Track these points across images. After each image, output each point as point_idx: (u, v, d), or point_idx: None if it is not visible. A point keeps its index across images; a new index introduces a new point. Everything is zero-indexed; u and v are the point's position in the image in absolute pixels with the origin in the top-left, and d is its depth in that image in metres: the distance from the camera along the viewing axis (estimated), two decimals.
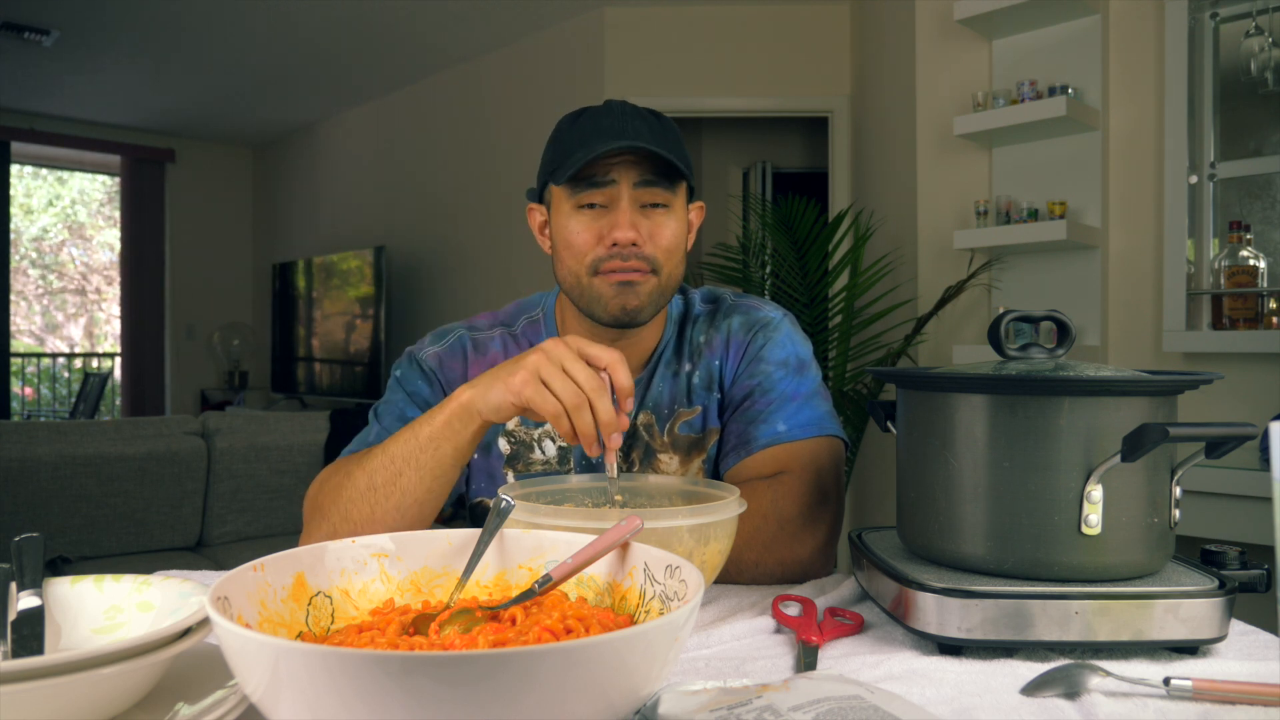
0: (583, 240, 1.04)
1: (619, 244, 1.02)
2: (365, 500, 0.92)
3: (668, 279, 1.07)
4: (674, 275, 1.08)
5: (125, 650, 0.51)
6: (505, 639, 0.57)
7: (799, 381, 1.11)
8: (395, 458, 0.92)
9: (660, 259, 1.05)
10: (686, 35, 4.01)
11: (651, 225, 1.04)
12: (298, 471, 3.14)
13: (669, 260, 1.06)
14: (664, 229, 1.05)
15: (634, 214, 1.03)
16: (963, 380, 0.76)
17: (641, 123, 1.03)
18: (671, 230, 1.06)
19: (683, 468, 1.13)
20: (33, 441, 2.66)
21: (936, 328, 2.93)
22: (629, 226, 1.02)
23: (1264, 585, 0.74)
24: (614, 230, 1.02)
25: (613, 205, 1.03)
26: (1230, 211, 2.50)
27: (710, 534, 0.81)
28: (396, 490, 0.92)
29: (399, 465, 0.91)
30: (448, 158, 5.23)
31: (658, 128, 1.04)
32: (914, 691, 0.63)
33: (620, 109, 1.05)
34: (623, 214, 1.02)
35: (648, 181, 1.03)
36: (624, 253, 1.03)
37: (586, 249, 1.04)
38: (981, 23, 2.78)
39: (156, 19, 4.43)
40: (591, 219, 1.04)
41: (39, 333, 9.93)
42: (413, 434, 0.92)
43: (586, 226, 1.04)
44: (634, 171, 1.03)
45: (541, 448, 1.13)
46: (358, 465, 0.95)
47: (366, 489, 0.93)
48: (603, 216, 1.04)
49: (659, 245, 1.05)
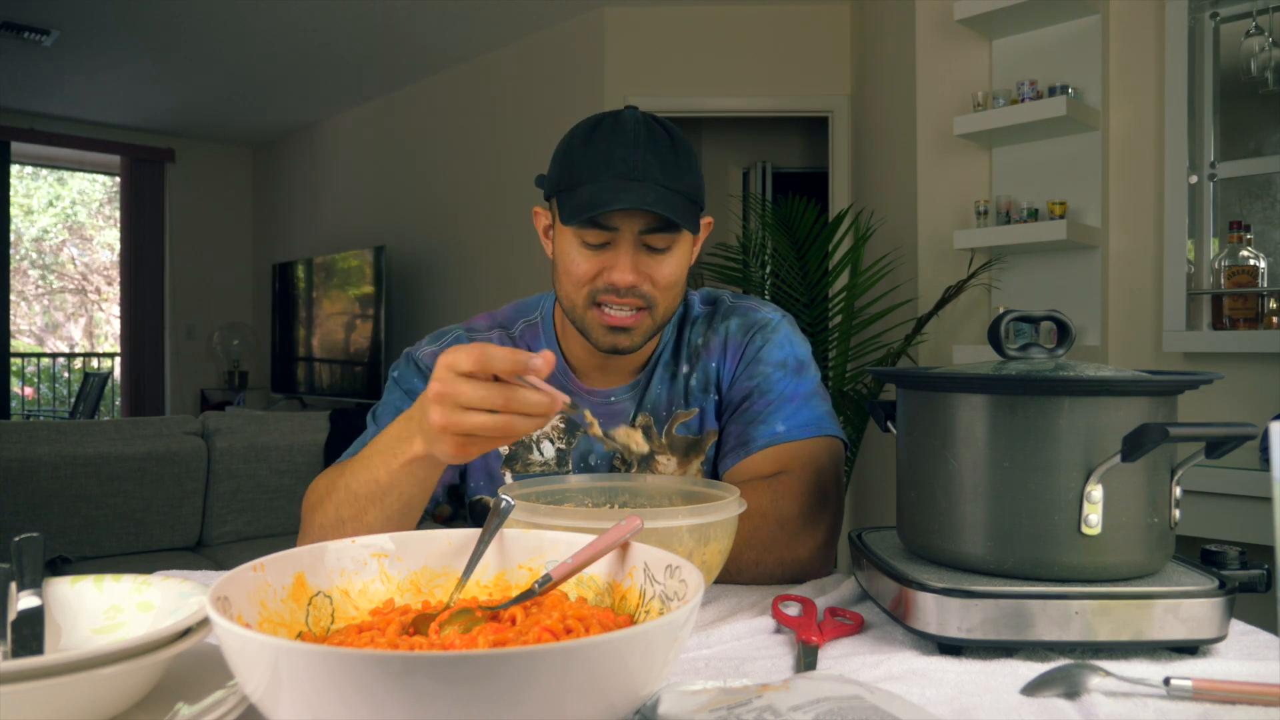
0: (582, 271, 1.03)
1: (616, 285, 1.01)
2: (337, 531, 0.92)
3: (663, 313, 1.06)
4: (670, 307, 1.07)
5: (125, 650, 0.51)
6: (505, 639, 0.57)
7: (798, 382, 1.11)
8: (359, 496, 0.90)
9: (657, 297, 1.04)
10: (686, 35, 4.01)
11: (652, 264, 1.03)
12: (298, 471, 3.14)
13: (665, 296, 1.05)
14: (664, 267, 1.04)
15: (635, 255, 1.02)
16: (963, 380, 0.76)
17: (654, 157, 1.00)
18: (672, 268, 1.04)
19: (680, 469, 1.14)
20: (33, 441, 2.66)
21: (936, 328, 2.93)
22: (629, 270, 1.01)
23: (1264, 585, 0.74)
24: (614, 272, 1.01)
25: (615, 243, 1.02)
26: (1230, 211, 2.50)
27: (710, 534, 0.81)
28: (363, 526, 0.90)
29: (362, 504, 0.90)
30: (448, 157, 5.23)
31: (671, 160, 1.01)
32: (914, 691, 0.63)
33: (634, 134, 1.01)
34: (623, 257, 1.01)
35: (653, 229, 1.01)
36: (620, 290, 1.02)
37: (585, 280, 1.03)
38: (981, 23, 2.78)
39: (156, 19, 4.43)
40: (593, 252, 1.03)
41: (39, 333, 9.94)
42: (371, 476, 0.88)
43: (587, 259, 1.03)
44: (639, 220, 1.00)
45: (540, 449, 1.13)
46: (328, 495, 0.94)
47: (335, 521, 0.92)
48: (604, 251, 1.02)
49: (657, 284, 1.03)
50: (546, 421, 0.76)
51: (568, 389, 1.14)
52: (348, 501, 0.91)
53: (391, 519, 0.89)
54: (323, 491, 0.96)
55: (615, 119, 1.04)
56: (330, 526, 0.93)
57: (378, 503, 0.89)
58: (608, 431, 1.09)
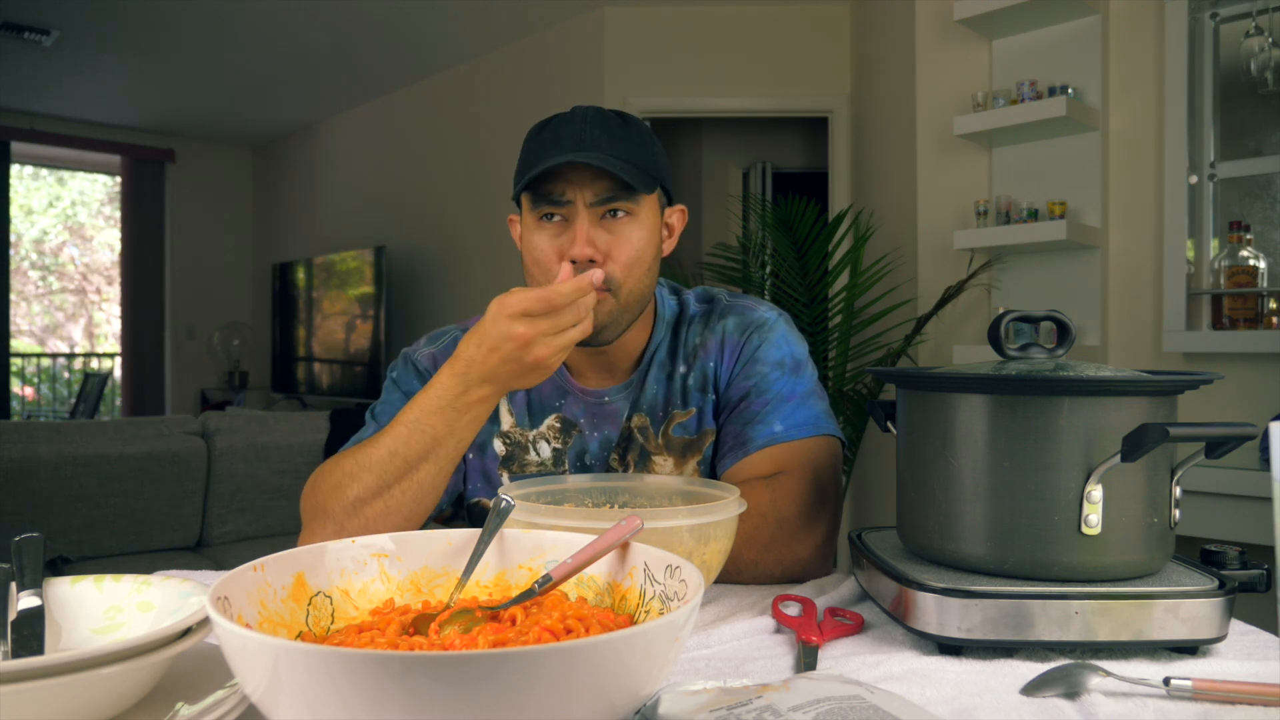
0: (545, 257, 1.03)
1: (576, 260, 1.00)
2: (379, 498, 0.94)
3: (628, 295, 1.05)
4: (635, 290, 1.05)
5: (125, 650, 0.51)
6: (505, 639, 0.57)
7: (795, 382, 1.11)
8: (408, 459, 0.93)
9: (619, 276, 1.03)
10: (686, 35, 4.01)
11: (612, 239, 1.02)
12: (298, 471, 3.14)
13: (629, 276, 1.03)
14: (626, 241, 1.03)
15: (593, 228, 1.01)
16: (963, 380, 0.76)
17: (601, 131, 1.01)
18: (635, 241, 1.03)
19: (678, 469, 1.13)
20: (33, 441, 2.66)
21: (936, 328, 2.93)
22: (585, 243, 1.00)
23: (1264, 585, 0.74)
24: (572, 247, 1.01)
25: (571, 220, 1.02)
26: (1230, 211, 2.50)
27: (710, 534, 0.81)
28: (414, 484, 0.94)
29: (413, 460, 0.93)
30: (448, 157, 5.23)
31: (620, 135, 1.02)
32: (914, 691, 0.63)
33: (584, 116, 1.03)
34: (579, 229, 1.01)
35: (606, 198, 1.01)
36: (581, 268, 1.01)
37: (549, 265, 1.03)
38: (981, 23, 2.78)
39: (157, 19, 4.43)
40: (553, 234, 1.03)
41: (39, 333, 9.94)
42: (422, 430, 0.93)
43: (549, 241, 1.03)
44: (591, 188, 1.01)
45: (536, 449, 1.13)
46: (360, 464, 0.95)
47: (379, 485, 0.93)
48: (563, 231, 1.03)
49: (619, 261, 1.02)
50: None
51: (564, 389, 1.14)
52: (392, 463, 0.93)
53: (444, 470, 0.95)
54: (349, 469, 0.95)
55: (568, 112, 1.06)
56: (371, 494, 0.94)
57: (432, 456, 0.93)
58: None
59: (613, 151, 1.00)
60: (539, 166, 1.00)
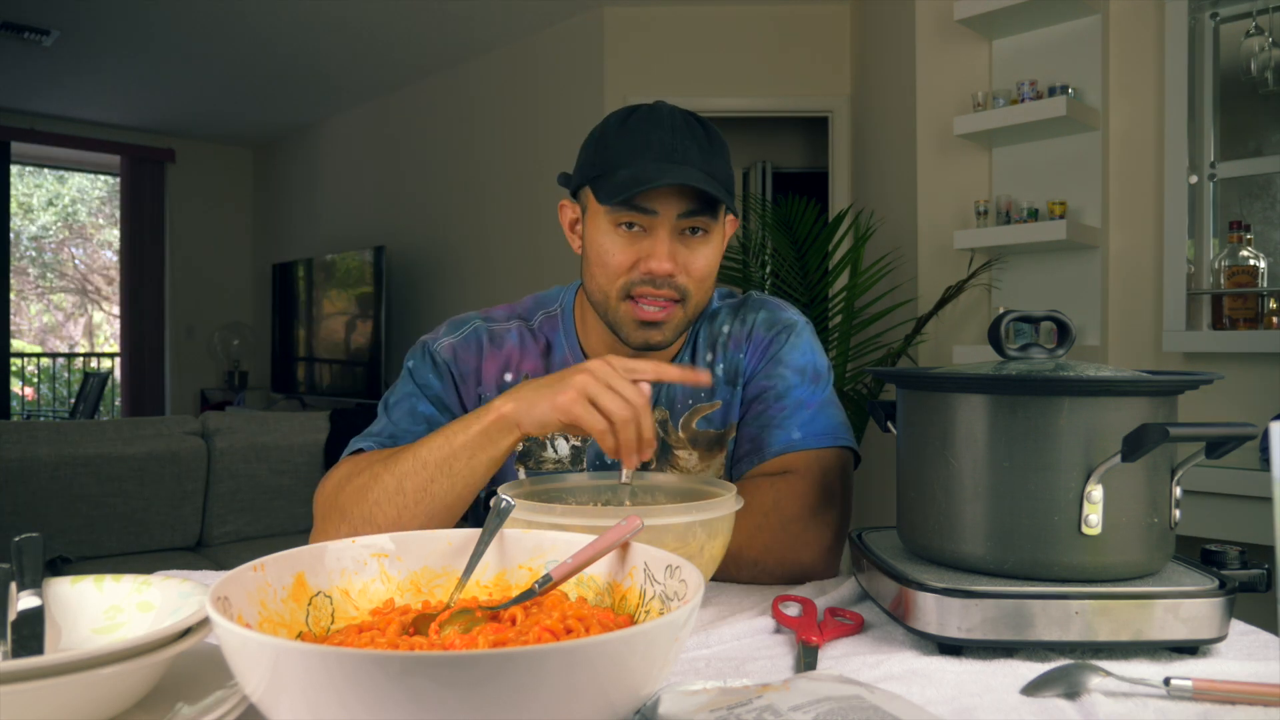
0: (618, 262, 1.02)
1: (654, 274, 1.00)
2: (393, 504, 0.91)
3: (695, 308, 1.05)
4: (702, 302, 1.06)
5: (125, 650, 0.51)
6: (505, 639, 0.57)
7: (814, 390, 1.10)
8: (427, 464, 0.91)
9: (691, 289, 1.03)
10: (686, 35, 4.01)
11: (689, 254, 1.02)
12: (298, 471, 3.14)
13: (699, 289, 1.04)
14: (701, 257, 1.03)
15: (673, 243, 1.01)
16: (963, 380, 0.76)
17: (692, 143, 1.00)
18: (708, 257, 1.04)
19: (703, 464, 1.12)
20: (33, 441, 2.66)
21: (936, 328, 2.93)
22: (667, 258, 0.99)
23: (1264, 585, 0.74)
24: (650, 259, 1.00)
25: (652, 230, 1.00)
26: (1230, 211, 2.50)
27: (709, 531, 0.81)
28: (427, 496, 0.91)
29: (431, 472, 0.90)
30: (448, 158, 5.23)
31: (708, 148, 1.01)
32: (914, 691, 0.63)
33: (670, 120, 1.01)
34: (661, 244, 1.00)
35: (692, 212, 1.00)
36: (657, 280, 1.01)
37: (620, 271, 1.02)
38: (981, 23, 2.78)
39: (156, 19, 4.43)
40: (628, 240, 1.01)
41: (39, 333, 9.94)
42: (445, 441, 0.91)
43: (622, 248, 1.01)
44: (678, 205, 0.99)
45: (554, 446, 1.12)
46: (384, 468, 0.93)
47: (395, 492, 0.92)
48: (640, 239, 1.01)
49: (692, 275, 1.02)
50: (637, 448, 0.86)
51: None
52: (414, 472, 0.91)
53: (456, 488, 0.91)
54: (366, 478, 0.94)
55: (650, 109, 1.03)
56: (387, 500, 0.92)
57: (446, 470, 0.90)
58: None
59: (702, 165, 0.99)
60: (635, 177, 0.97)
